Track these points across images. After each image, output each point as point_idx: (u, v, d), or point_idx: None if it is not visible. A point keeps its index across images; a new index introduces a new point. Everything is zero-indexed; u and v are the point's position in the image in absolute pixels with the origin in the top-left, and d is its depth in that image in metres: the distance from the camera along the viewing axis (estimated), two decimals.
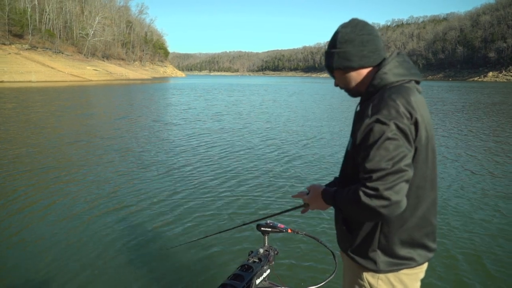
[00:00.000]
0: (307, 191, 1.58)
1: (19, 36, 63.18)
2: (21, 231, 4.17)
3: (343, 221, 1.46)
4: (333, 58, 1.40)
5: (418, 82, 1.38)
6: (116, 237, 4.04)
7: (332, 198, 1.37)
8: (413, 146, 1.24)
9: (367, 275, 1.40)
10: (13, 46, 59.94)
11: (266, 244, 2.17)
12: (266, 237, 2.16)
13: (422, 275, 1.43)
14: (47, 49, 67.85)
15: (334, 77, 1.47)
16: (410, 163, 1.21)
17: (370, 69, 1.38)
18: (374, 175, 1.17)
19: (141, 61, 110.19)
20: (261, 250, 2.13)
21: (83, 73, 63.23)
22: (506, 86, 60.37)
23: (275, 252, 2.18)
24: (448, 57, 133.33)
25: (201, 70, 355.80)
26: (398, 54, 1.38)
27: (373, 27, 1.39)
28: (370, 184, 1.18)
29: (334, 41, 1.39)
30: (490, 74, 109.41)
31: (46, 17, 72.08)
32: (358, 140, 1.27)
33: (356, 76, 1.40)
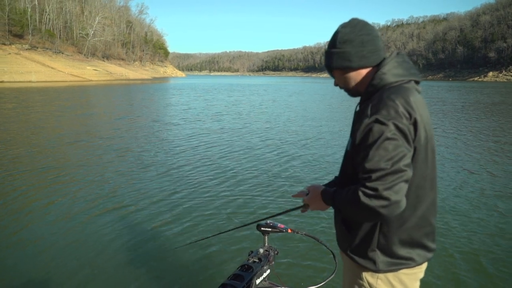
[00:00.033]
0: (307, 191, 1.57)
1: (19, 36, 63.19)
2: (20, 231, 4.18)
3: (342, 221, 1.46)
4: (333, 58, 1.40)
5: (417, 82, 1.38)
6: (116, 237, 4.04)
7: (332, 198, 1.37)
8: (412, 146, 1.24)
9: (366, 275, 1.40)
10: (13, 46, 59.95)
11: (266, 244, 2.17)
12: (266, 237, 2.16)
13: (421, 275, 1.43)
14: (47, 49, 67.86)
15: (333, 76, 1.47)
16: (410, 163, 1.21)
17: (369, 69, 1.38)
18: (374, 175, 1.18)
19: (141, 61, 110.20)
20: (261, 250, 2.13)
21: (83, 73, 63.24)
22: (506, 86, 60.36)
23: (275, 252, 2.18)
24: (448, 57, 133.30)
25: (201, 70, 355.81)
26: (398, 54, 1.38)
27: (373, 27, 1.39)
28: (370, 184, 1.18)
29: (334, 41, 1.39)
30: (490, 74, 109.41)
31: (46, 17, 72.09)
32: (358, 140, 1.28)
33: (355, 76, 1.40)
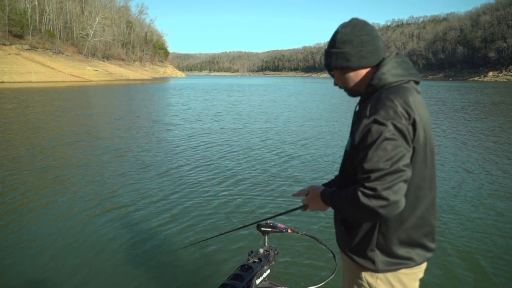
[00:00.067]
0: (307, 190, 1.58)
1: (19, 36, 63.17)
2: (19, 230, 4.18)
3: (341, 220, 1.46)
4: (332, 58, 1.40)
5: (417, 83, 1.38)
6: (115, 237, 4.04)
7: (331, 198, 1.37)
8: (411, 146, 1.24)
9: (365, 275, 1.40)
10: (13, 46, 59.92)
11: (266, 244, 2.17)
12: (266, 237, 2.16)
13: (421, 274, 1.43)
14: (47, 49, 67.84)
15: (333, 76, 1.48)
16: (409, 163, 1.21)
17: (368, 69, 1.38)
18: (373, 175, 1.18)
19: (141, 61, 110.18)
20: (261, 250, 2.13)
21: (83, 73, 63.23)
22: (506, 86, 60.36)
23: (275, 252, 2.18)
24: (448, 57, 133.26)
25: (201, 70, 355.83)
26: (397, 54, 1.38)
27: (373, 27, 1.39)
28: (369, 184, 1.18)
29: (334, 41, 1.39)
30: (490, 74, 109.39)
31: (46, 18, 72.08)
32: (357, 141, 1.28)
33: (354, 76, 1.40)
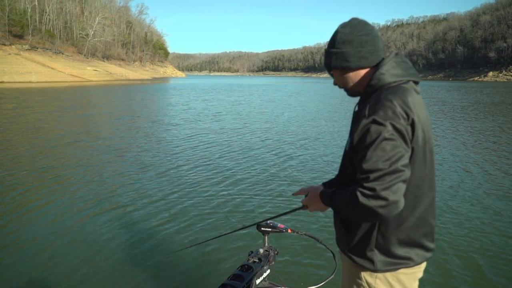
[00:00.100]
0: (307, 190, 1.58)
1: (19, 36, 63.16)
2: (19, 230, 4.19)
3: (341, 220, 1.46)
4: (332, 58, 1.40)
5: (416, 83, 1.38)
6: (114, 237, 4.04)
7: (330, 199, 1.37)
8: (410, 146, 1.25)
9: (365, 275, 1.40)
10: (13, 46, 59.92)
11: (266, 244, 2.17)
12: (266, 237, 2.16)
13: (420, 274, 1.43)
14: (47, 49, 67.83)
15: (333, 76, 1.48)
16: (407, 163, 1.21)
17: (368, 69, 1.38)
18: (372, 175, 1.18)
19: (141, 61, 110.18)
20: (261, 250, 2.13)
21: (83, 73, 63.23)
22: (506, 86, 60.35)
23: (275, 252, 2.18)
24: (448, 57, 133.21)
25: (201, 70, 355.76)
26: (396, 54, 1.38)
27: (373, 27, 1.39)
28: (368, 184, 1.18)
29: (333, 41, 1.40)
30: (490, 74, 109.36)
31: (46, 18, 72.07)
32: (356, 141, 1.28)
33: (354, 76, 1.41)
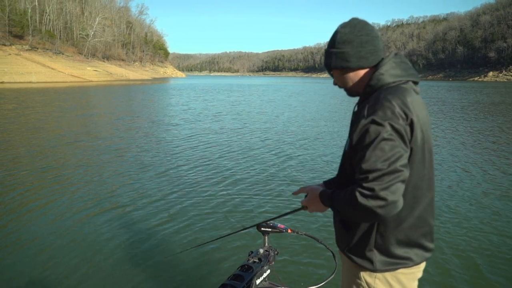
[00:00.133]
0: (307, 191, 1.58)
1: (20, 37, 63.19)
2: (19, 230, 4.19)
3: (340, 220, 1.47)
4: (332, 58, 1.41)
5: (416, 83, 1.38)
6: (114, 237, 4.04)
7: (330, 199, 1.37)
8: (409, 146, 1.25)
9: (364, 274, 1.40)
10: (13, 47, 59.95)
11: (266, 244, 2.17)
12: (266, 237, 2.16)
13: (419, 274, 1.43)
14: (47, 50, 67.86)
15: (332, 76, 1.48)
16: (406, 164, 1.21)
17: (368, 69, 1.39)
18: (370, 175, 1.18)
19: (141, 61, 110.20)
20: (261, 250, 2.13)
21: (83, 73, 63.25)
22: (506, 86, 60.33)
23: (275, 252, 2.18)
24: (448, 57, 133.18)
25: (201, 70, 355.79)
26: (396, 54, 1.38)
27: (373, 27, 1.39)
28: (366, 184, 1.18)
29: (333, 41, 1.40)
30: (490, 74, 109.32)
31: (46, 18, 72.10)
32: (355, 141, 1.28)
33: (353, 77, 1.41)
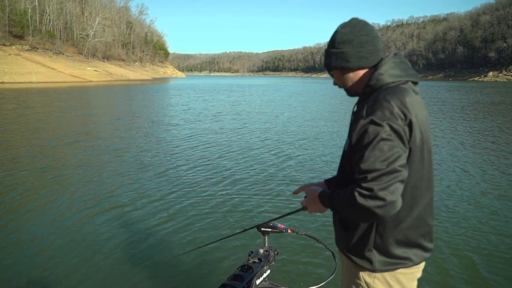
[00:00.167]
0: (306, 192, 1.58)
1: (20, 37, 63.19)
2: (18, 230, 4.20)
3: (339, 220, 1.47)
4: (331, 58, 1.41)
5: (415, 83, 1.38)
6: (114, 237, 4.04)
7: (329, 200, 1.37)
8: (408, 147, 1.25)
9: (363, 274, 1.41)
10: (13, 47, 59.95)
11: (266, 244, 2.17)
12: (266, 237, 2.16)
13: (419, 274, 1.43)
14: (47, 50, 67.87)
15: (332, 76, 1.49)
16: (405, 164, 1.22)
17: (367, 69, 1.39)
18: (369, 175, 1.18)
19: (141, 61, 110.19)
20: (261, 251, 2.13)
21: (84, 74, 63.27)
22: (506, 86, 60.25)
23: (275, 252, 2.18)
24: (448, 57, 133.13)
25: (201, 70, 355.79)
26: (395, 55, 1.38)
27: (373, 27, 1.39)
28: (365, 184, 1.18)
29: (333, 41, 1.40)
30: (491, 74, 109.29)
31: (47, 18, 72.12)
32: (354, 141, 1.29)
33: (353, 77, 1.41)
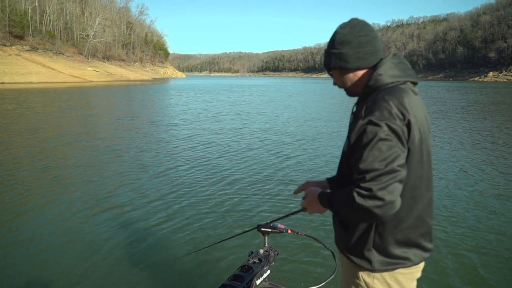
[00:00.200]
0: (306, 193, 1.58)
1: (20, 37, 63.21)
2: (17, 230, 4.21)
3: (339, 220, 1.47)
4: (331, 58, 1.42)
5: (414, 84, 1.38)
6: (113, 236, 4.05)
7: (328, 201, 1.37)
8: (406, 147, 1.25)
9: (363, 274, 1.41)
10: (13, 47, 59.96)
11: (266, 244, 2.17)
12: (266, 237, 2.16)
13: (418, 274, 1.44)
14: (47, 50, 67.89)
15: (332, 76, 1.49)
16: (403, 164, 1.22)
17: (366, 70, 1.40)
18: (368, 175, 1.18)
19: (141, 62, 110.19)
20: (261, 251, 2.14)
21: (84, 74, 63.29)
22: (506, 86, 60.26)
23: (275, 253, 2.18)
24: (449, 57, 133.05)
25: (201, 71, 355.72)
26: (394, 55, 1.39)
27: (372, 27, 1.40)
28: (364, 184, 1.18)
29: (332, 42, 1.41)
30: (491, 74, 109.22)
31: (47, 18, 72.14)
32: (352, 141, 1.29)
33: (352, 77, 1.42)
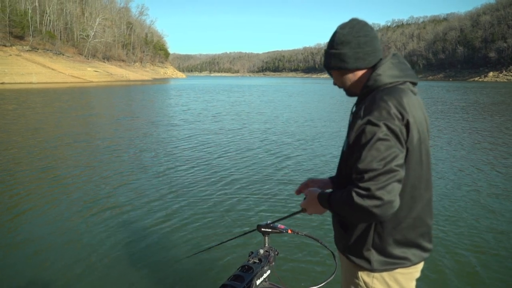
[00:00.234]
0: (306, 194, 1.58)
1: (20, 37, 63.22)
2: (16, 230, 4.21)
3: (338, 221, 1.48)
4: (330, 59, 1.43)
5: (414, 84, 1.39)
6: (112, 236, 4.05)
7: (328, 201, 1.37)
8: (405, 147, 1.26)
9: (362, 274, 1.41)
10: (14, 47, 59.97)
11: (266, 244, 2.17)
12: (266, 237, 2.16)
13: (417, 274, 1.44)
14: (47, 50, 67.89)
15: (332, 76, 1.50)
16: (402, 164, 1.23)
17: (366, 70, 1.40)
18: (366, 175, 1.19)
19: (141, 62, 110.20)
20: (261, 251, 2.13)
21: (84, 74, 63.29)
22: (506, 86, 60.27)
23: (276, 253, 2.18)
24: (449, 57, 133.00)
25: (201, 71, 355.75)
26: (394, 55, 1.39)
27: (372, 28, 1.40)
28: (362, 184, 1.19)
29: (332, 42, 1.42)
30: (491, 74, 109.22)
31: (47, 19, 72.16)
32: (351, 141, 1.30)
33: (352, 77, 1.42)
